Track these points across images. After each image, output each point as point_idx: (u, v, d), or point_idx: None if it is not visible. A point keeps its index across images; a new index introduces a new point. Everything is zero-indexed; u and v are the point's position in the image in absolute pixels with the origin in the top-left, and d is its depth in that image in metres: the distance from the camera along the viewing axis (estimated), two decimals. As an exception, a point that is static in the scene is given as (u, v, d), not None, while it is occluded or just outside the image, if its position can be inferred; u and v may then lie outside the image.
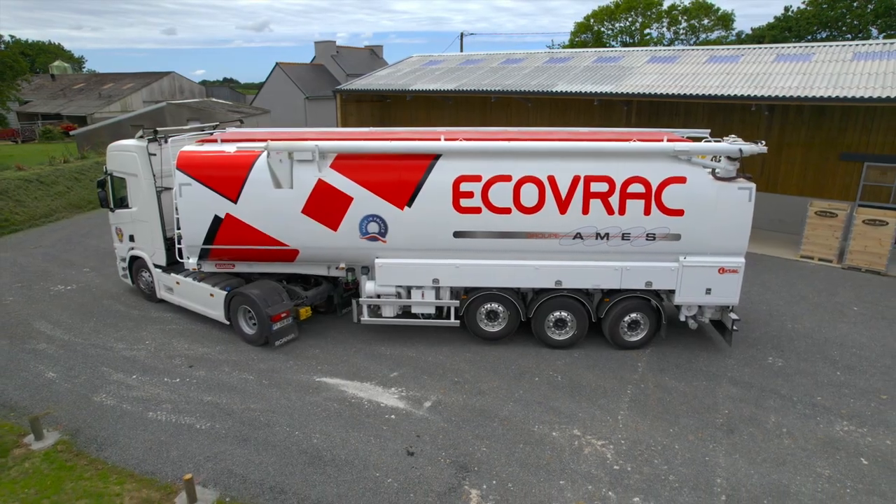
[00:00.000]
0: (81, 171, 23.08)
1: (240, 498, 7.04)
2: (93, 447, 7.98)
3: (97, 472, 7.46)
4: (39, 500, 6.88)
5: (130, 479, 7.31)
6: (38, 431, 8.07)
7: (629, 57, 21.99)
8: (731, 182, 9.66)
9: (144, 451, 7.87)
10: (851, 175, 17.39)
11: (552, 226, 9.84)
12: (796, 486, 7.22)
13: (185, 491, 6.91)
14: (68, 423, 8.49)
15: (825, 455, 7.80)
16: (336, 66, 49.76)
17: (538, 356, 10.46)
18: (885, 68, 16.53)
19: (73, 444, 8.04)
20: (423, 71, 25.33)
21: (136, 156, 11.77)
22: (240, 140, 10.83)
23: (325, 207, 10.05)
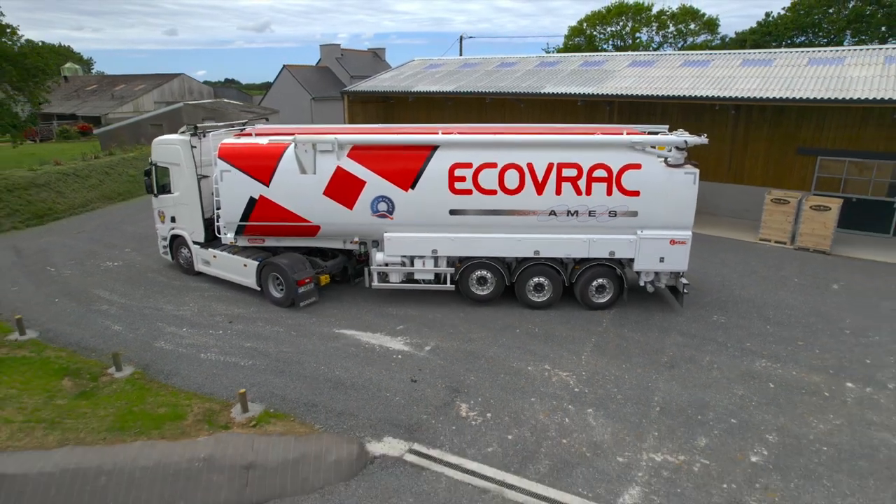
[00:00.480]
0: (111, 166, 25.14)
1: (281, 410, 9.07)
2: (161, 376, 10.04)
3: (168, 392, 9.52)
4: (129, 408, 8.93)
5: (195, 397, 9.36)
6: (119, 364, 10.13)
7: (612, 61, 24.07)
8: (679, 168, 11.68)
9: (202, 380, 9.92)
10: (807, 167, 19.41)
11: (531, 205, 11.88)
12: (715, 401, 9.25)
13: (240, 402, 8.95)
14: (138, 361, 10.54)
15: (742, 382, 9.83)
16: (340, 69, 51.86)
17: (520, 314, 12.50)
18: (835, 73, 18.57)
19: (145, 374, 10.10)
20: (424, 74, 27.40)
21: (179, 148, 13.83)
22: (270, 134, 12.89)
23: (342, 190, 12.10)
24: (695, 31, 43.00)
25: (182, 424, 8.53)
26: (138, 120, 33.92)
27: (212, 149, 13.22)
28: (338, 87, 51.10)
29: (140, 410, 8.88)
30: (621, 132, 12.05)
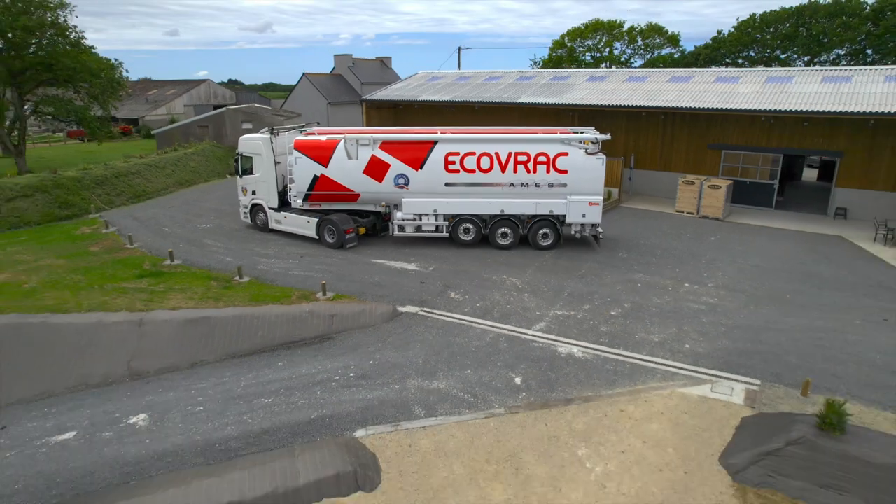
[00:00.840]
0: (177, 159, 31.58)
1: (344, 294, 15.45)
2: (268, 281, 16.44)
3: (276, 287, 15.93)
4: (257, 293, 15.34)
5: (293, 289, 15.77)
6: (241, 274, 16.55)
7: (574, 77, 30.49)
8: (594, 155, 18.07)
9: (294, 282, 16.32)
10: (715, 158, 25.80)
11: (497, 179, 18.27)
12: (601, 291, 15.65)
13: (322, 289, 15.35)
14: (251, 275, 16.93)
15: (622, 284, 16.24)
16: (352, 76, 58.31)
17: (491, 252, 18.88)
18: (731, 89, 24.97)
19: (257, 280, 16.51)
20: (427, 85, 33.82)
21: (261, 143, 20.25)
22: (326, 133, 19.31)
23: (375, 170, 18.50)
24: (660, 45, 49.46)
25: (291, 299, 14.95)
26: (188, 122, 40.38)
27: (285, 143, 19.66)
28: (350, 93, 57.60)
29: (263, 294, 15.30)
30: (556, 132, 18.45)
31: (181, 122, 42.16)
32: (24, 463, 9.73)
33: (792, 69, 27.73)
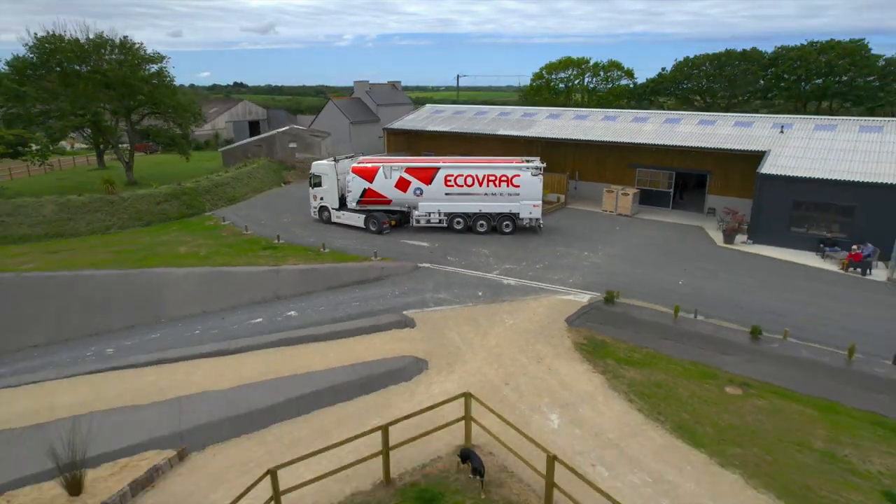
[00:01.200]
0: (249, 173, 43.10)
1: (387, 257, 26.91)
2: (341, 251, 27.93)
3: (348, 254, 27.41)
4: (340, 256, 26.85)
5: (358, 256, 27.24)
6: (324, 247, 28.06)
7: (538, 114, 42.03)
8: (535, 175, 29.57)
9: (357, 252, 27.79)
10: (633, 174, 37.26)
11: (477, 191, 29.77)
12: (533, 256, 27.13)
13: (374, 255, 26.84)
14: (330, 248, 28.42)
15: (547, 252, 27.71)
16: (369, 99, 69.87)
17: (473, 237, 30.35)
18: (642, 127, 36.45)
19: (335, 251, 28.00)
20: (432, 117, 45.33)
21: (328, 167, 31.80)
22: (370, 162, 30.86)
23: (402, 185, 30.03)
24: (617, 77, 60.90)
25: (358, 260, 26.44)
26: (246, 142, 51.97)
27: (342, 167, 31.20)
28: (367, 113, 69.16)
29: (341, 257, 26.79)
30: (513, 161, 29.97)
31: (242, 141, 53.73)
32: (241, 331, 21.22)
33: (682, 113, 39.37)
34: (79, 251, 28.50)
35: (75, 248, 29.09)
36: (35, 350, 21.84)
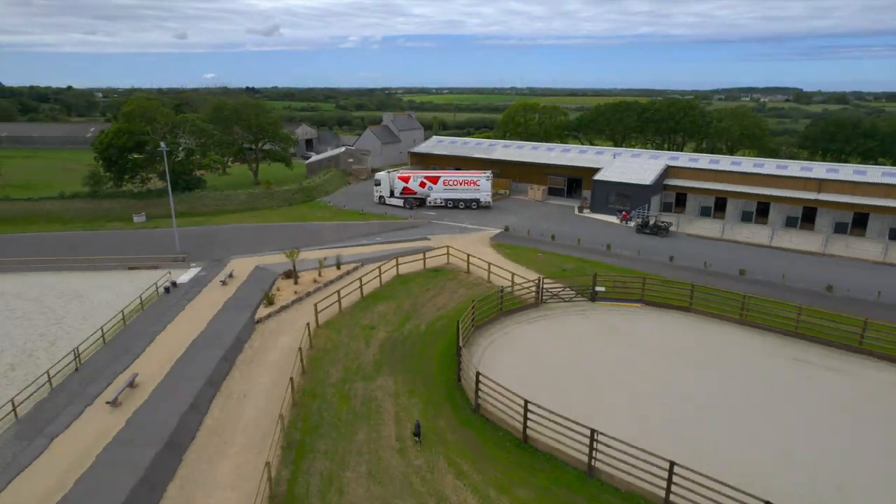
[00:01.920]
0: (331, 177, 74.27)
1: (416, 217, 58.05)
2: (391, 216, 59.13)
3: (396, 217, 58.64)
4: (391, 218, 58.14)
5: (401, 218, 58.43)
6: (415, 221, 59.34)
7: (497, 145, 73.25)
8: (488, 180, 60.89)
9: (400, 216, 58.94)
10: (545, 177, 68.31)
11: (459, 187, 61.06)
12: (485, 218, 58.30)
13: (409, 217, 58.07)
14: (398, 215, 59.59)
15: (491, 217, 58.91)
16: (393, 126, 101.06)
17: (456, 211, 61.53)
18: (548, 154, 67.66)
19: (386, 216, 59.22)
20: (437, 145, 76.60)
21: (385, 175, 63.29)
22: (406, 173, 62.31)
23: (421, 185, 61.50)
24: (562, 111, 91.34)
25: (399, 220, 57.61)
26: (321, 158, 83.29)
27: (391, 175, 62.58)
28: (391, 136, 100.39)
29: (396, 217, 57.92)
30: (479, 173, 61.26)
31: (320, 157, 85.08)
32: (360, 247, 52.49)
33: (570, 146, 70.45)
34: (266, 216, 59.79)
35: (263, 216, 60.37)
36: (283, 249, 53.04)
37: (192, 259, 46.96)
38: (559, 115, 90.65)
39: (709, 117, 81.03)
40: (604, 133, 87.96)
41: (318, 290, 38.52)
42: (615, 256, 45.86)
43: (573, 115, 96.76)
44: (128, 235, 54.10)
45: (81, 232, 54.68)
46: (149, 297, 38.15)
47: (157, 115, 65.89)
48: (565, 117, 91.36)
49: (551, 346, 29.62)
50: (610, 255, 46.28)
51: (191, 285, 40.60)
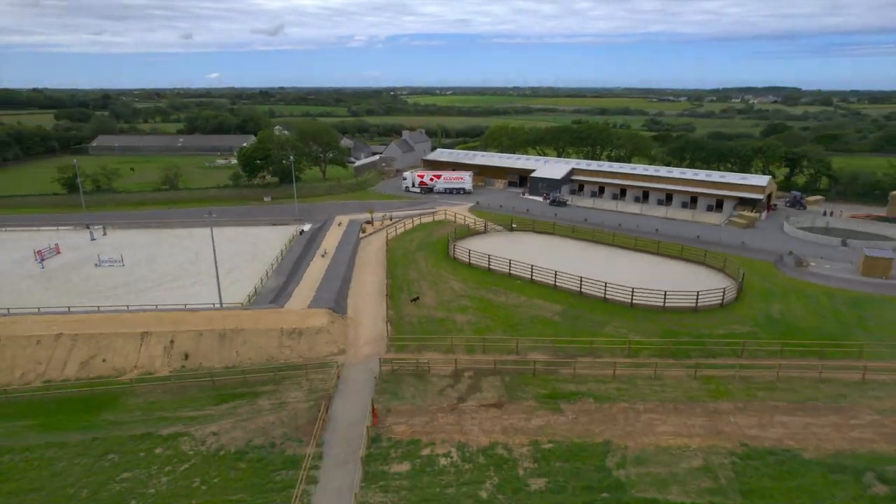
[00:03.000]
0: (374, 177, 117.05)
1: (429, 199, 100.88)
2: (413, 197, 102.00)
3: (413, 197, 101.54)
4: (411, 200, 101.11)
5: (419, 197, 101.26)
6: (405, 197, 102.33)
7: (478, 155, 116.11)
8: (470, 176, 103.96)
9: (414, 197, 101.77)
10: (505, 175, 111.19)
11: (452, 180, 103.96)
12: (465, 199, 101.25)
13: (424, 197, 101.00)
14: (413, 197, 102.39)
15: (471, 198, 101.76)
16: (410, 140, 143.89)
17: (450, 196, 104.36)
18: (502, 159, 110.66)
19: (408, 197, 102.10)
20: (442, 154, 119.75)
21: (409, 173, 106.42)
22: (422, 172, 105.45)
23: (431, 180, 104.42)
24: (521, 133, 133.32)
25: (415, 199, 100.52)
26: (364, 163, 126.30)
27: (413, 174, 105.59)
28: (408, 147, 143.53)
29: (417, 198, 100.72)
30: (463, 171, 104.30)
31: (363, 161, 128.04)
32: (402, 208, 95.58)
33: (521, 155, 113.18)
34: (338, 198, 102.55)
35: (337, 197, 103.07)
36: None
37: (305, 221, 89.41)
38: (523, 134, 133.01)
39: (613, 136, 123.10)
40: (550, 145, 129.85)
41: (384, 229, 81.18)
42: (532, 215, 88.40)
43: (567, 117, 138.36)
44: (263, 209, 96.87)
45: (236, 207, 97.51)
46: (292, 237, 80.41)
47: (273, 139, 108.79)
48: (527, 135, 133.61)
49: (489, 245, 72.19)
50: (529, 214, 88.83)
51: (316, 230, 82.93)
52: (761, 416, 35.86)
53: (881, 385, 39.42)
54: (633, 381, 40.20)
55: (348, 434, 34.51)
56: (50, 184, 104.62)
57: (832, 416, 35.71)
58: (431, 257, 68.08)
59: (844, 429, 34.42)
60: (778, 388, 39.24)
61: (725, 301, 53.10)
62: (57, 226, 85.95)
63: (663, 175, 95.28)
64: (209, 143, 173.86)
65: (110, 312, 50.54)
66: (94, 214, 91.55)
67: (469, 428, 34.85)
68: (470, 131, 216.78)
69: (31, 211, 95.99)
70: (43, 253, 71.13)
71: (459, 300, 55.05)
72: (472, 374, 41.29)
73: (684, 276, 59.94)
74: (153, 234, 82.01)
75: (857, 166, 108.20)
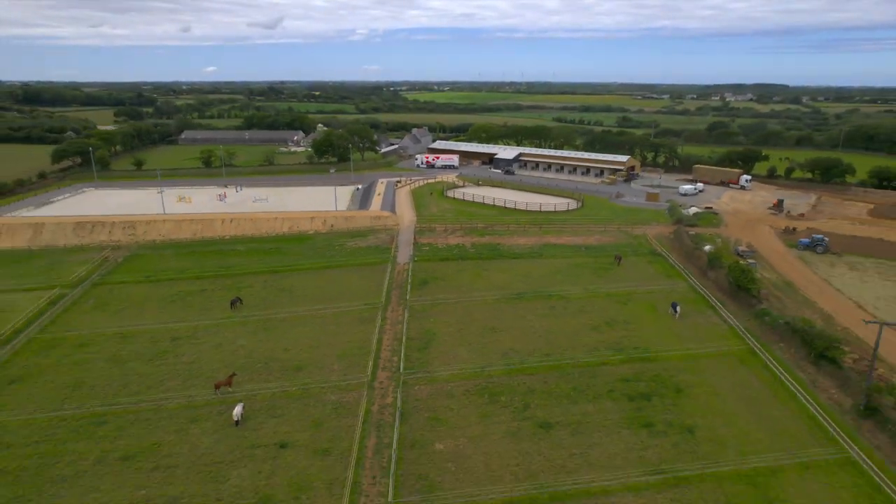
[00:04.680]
0: (395, 159, 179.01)
1: (431, 172, 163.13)
2: (424, 171, 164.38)
3: (423, 171, 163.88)
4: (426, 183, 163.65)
5: (422, 171, 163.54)
6: (419, 172, 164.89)
7: (461, 145, 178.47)
8: (455, 157, 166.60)
9: (423, 172, 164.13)
10: (479, 158, 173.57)
11: (446, 160, 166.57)
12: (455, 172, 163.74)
13: (425, 171, 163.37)
14: (423, 173, 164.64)
15: (457, 172, 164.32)
16: (418, 133, 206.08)
17: (445, 170, 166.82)
18: (479, 147, 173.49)
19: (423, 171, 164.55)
20: (439, 144, 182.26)
21: (420, 156, 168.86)
22: (427, 154, 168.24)
23: (433, 160, 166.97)
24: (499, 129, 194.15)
25: (422, 172, 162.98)
26: (388, 150, 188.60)
27: (422, 156, 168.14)
28: (416, 140, 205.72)
29: (421, 172, 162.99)
30: (452, 153, 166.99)
31: (387, 149, 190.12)
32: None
33: (495, 145, 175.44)
34: (374, 171, 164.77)
35: (373, 171, 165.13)
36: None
37: (358, 182, 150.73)
38: (497, 131, 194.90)
39: (551, 132, 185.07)
40: (512, 139, 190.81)
41: (407, 185, 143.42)
42: (492, 178, 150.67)
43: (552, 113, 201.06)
44: (329, 177, 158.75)
45: (312, 175, 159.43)
46: (353, 191, 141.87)
47: (334, 135, 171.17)
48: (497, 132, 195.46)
49: (466, 192, 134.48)
50: (490, 178, 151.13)
51: (367, 187, 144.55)
52: (558, 236, 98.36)
53: (594, 225, 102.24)
54: (515, 232, 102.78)
55: (405, 245, 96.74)
56: (189, 161, 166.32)
57: (584, 237, 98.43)
58: (435, 195, 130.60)
59: (586, 236, 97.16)
60: (577, 226, 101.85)
61: (572, 208, 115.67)
62: (213, 184, 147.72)
63: (571, 155, 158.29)
64: (266, 136, 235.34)
65: (287, 212, 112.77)
66: (227, 179, 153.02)
67: (452, 239, 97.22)
68: (460, 127, 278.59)
69: (184, 177, 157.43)
70: (222, 196, 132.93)
71: (448, 211, 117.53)
72: (453, 230, 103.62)
73: (561, 201, 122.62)
74: (269, 190, 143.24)
75: (722, 153, 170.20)
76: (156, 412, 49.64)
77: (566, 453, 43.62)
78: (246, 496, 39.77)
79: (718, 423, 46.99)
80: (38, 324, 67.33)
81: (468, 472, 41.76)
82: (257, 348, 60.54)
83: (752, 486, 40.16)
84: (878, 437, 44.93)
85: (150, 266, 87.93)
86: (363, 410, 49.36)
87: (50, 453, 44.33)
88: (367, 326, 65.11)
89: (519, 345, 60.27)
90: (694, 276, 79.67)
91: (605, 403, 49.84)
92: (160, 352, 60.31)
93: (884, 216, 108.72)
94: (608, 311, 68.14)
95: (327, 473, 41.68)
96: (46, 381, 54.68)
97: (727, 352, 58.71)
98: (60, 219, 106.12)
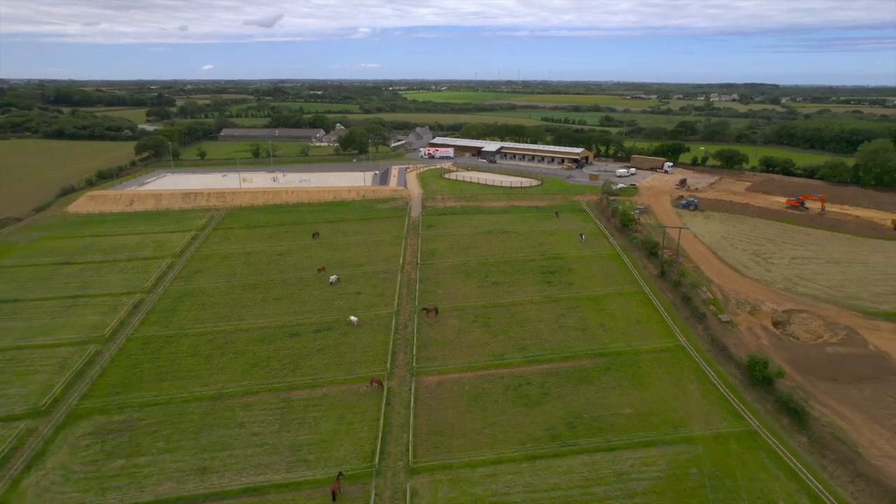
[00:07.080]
0: (403, 151, 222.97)
1: (431, 160, 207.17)
2: (429, 161, 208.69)
3: (425, 161, 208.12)
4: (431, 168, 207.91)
5: (424, 160, 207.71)
6: (423, 162, 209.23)
7: (457, 139, 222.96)
8: (452, 150, 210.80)
9: (428, 162, 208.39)
10: (472, 151, 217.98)
11: (444, 152, 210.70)
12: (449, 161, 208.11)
13: (427, 160, 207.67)
14: (429, 163, 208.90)
15: (450, 161, 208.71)
16: (422, 131, 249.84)
17: (443, 160, 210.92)
18: (472, 142, 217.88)
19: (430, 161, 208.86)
20: (438, 139, 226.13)
21: (423, 149, 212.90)
22: (429, 146, 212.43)
23: (434, 152, 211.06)
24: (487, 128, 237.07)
25: (425, 161, 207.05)
26: (397, 144, 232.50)
27: (424, 149, 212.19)
28: (420, 136, 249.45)
29: (424, 161, 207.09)
30: (449, 146, 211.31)
31: (396, 143, 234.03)
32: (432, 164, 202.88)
33: (486, 140, 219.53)
34: (387, 161, 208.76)
35: (387, 160, 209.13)
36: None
37: (376, 169, 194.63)
38: (485, 129, 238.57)
39: (527, 131, 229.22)
40: (498, 135, 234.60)
41: (414, 170, 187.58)
42: (478, 166, 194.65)
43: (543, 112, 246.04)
44: (353, 164, 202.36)
45: (339, 164, 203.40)
46: (374, 175, 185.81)
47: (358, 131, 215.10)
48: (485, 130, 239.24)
49: (459, 175, 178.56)
50: (477, 166, 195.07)
51: (383, 172, 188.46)
52: (520, 201, 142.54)
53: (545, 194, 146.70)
54: (491, 199, 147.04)
55: (416, 207, 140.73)
56: (238, 153, 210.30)
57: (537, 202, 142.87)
58: (434, 177, 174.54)
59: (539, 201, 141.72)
60: (535, 196, 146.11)
61: (534, 185, 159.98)
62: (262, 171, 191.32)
63: (540, 148, 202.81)
64: (293, 133, 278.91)
65: (330, 187, 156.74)
66: (273, 167, 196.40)
67: (447, 203, 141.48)
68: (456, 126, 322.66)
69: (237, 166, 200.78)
70: (275, 177, 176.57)
71: (445, 187, 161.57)
72: (448, 198, 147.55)
73: (527, 181, 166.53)
74: (309, 174, 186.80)
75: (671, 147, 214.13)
76: (283, 282, 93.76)
77: (505, 292, 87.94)
78: (345, 312, 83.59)
79: (584, 280, 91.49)
80: (192, 247, 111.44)
81: (453, 297, 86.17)
82: (333, 257, 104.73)
83: (593, 302, 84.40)
84: (660, 284, 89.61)
85: (245, 219, 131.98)
86: (399, 278, 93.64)
87: (234, 298, 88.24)
88: (395, 247, 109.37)
89: (486, 253, 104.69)
90: (602, 222, 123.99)
91: (529, 275, 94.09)
92: (274, 259, 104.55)
93: (755, 190, 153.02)
94: (541, 239, 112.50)
95: (384, 303, 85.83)
96: (214, 271, 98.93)
97: (603, 255, 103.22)
98: (172, 191, 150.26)
